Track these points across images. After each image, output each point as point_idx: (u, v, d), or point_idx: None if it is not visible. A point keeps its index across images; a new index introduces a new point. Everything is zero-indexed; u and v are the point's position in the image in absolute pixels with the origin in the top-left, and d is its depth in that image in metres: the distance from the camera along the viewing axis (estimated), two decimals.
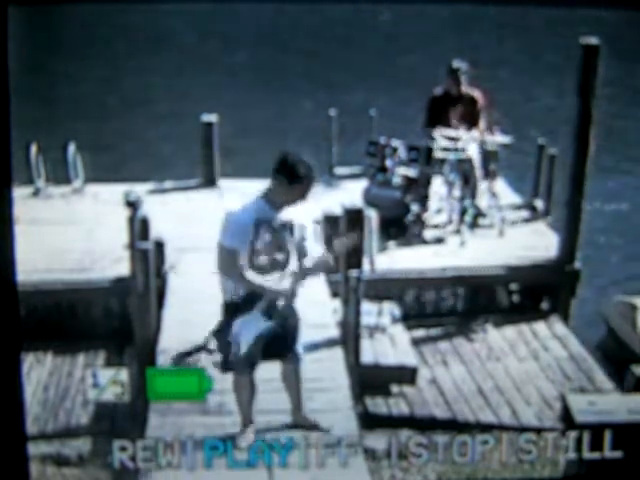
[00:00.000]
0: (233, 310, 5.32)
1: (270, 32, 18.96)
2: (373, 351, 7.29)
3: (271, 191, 5.17)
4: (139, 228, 6.98)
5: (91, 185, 9.92)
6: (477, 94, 8.90)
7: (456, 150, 8.70)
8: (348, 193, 9.13)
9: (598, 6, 4.66)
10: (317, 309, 7.34)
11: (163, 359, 6.57)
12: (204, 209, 9.45)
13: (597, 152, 8.15)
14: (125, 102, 15.59)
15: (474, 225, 8.89)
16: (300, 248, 5.34)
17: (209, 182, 10.03)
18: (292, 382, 5.62)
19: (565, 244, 8.42)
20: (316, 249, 5.39)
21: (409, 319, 7.98)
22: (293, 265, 5.33)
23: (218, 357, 5.54)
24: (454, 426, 6.64)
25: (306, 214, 5.37)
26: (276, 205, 5.19)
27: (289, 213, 5.24)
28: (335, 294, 7.50)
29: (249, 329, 5.30)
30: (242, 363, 5.38)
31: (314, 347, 6.75)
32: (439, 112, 8.88)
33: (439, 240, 8.76)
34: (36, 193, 9.74)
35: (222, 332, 5.41)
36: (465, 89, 8.89)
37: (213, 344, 5.63)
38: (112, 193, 9.27)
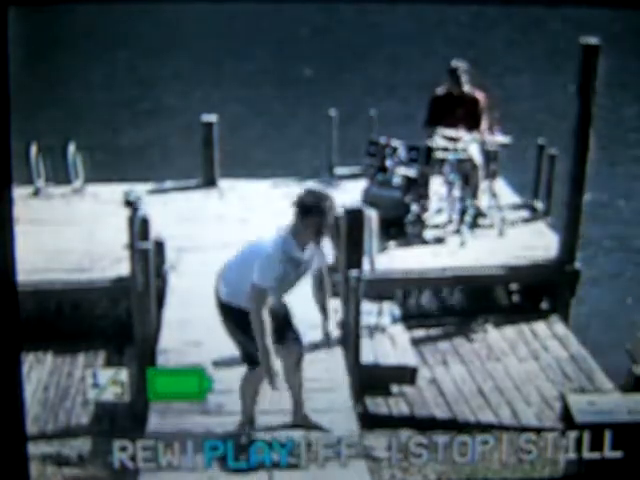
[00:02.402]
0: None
1: (271, 33, 18.96)
2: (373, 351, 7.29)
3: (294, 228, 5.17)
4: (139, 228, 6.98)
5: (91, 185, 9.92)
6: (479, 94, 8.90)
7: (456, 150, 8.70)
8: (348, 193, 9.13)
9: (601, 6, 4.65)
10: (317, 309, 7.34)
11: (163, 359, 6.58)
12: (204, 209, 9.46)
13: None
14: (125, 102, 15.59)
15: (474, 225, 8.88)
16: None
17: (209, 182, 10.03)
18: (293, 378, 5.64)
19: (565, 244, 8.41)
20: None
21: (409, 319, 7.98)
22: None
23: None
24: (454, 426, 6.63)
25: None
26: (300, 244, 5.19)
27: (311, 253, 5.27)
28: (335, 294, 7.50)
29: None
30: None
31: (314, 347, 6.75)
32: (440, 112, 8.88)
33: (439, 240, 8.76)
34: (36, 193, 9.74)
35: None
36: (467, 89, 8.88)
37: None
38: (112, 193, 9.27)
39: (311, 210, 5.09)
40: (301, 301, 7.51)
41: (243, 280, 5.22)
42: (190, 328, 6.98)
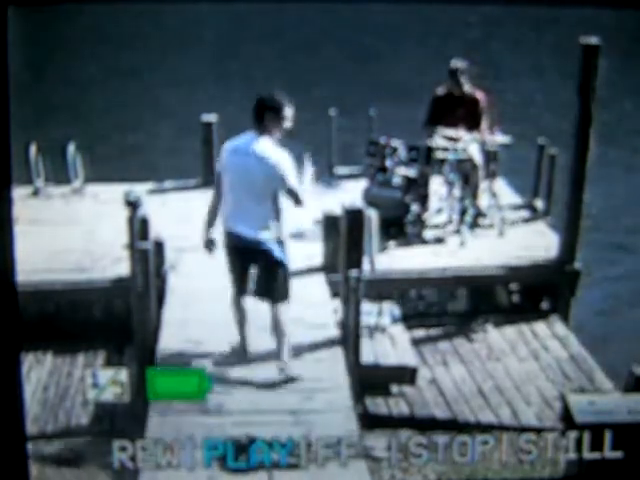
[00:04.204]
0: None
1: (271, 33, 18.97)
2: (373, 351, 7.28)
3: (273, 130, 6.04)
4: (139, 228, 6.98)
5: (91, 185, 9.92)
6: (479, 94, 8.89)
7: (456, 150, 8.70)
8: (348, 193, 9.13)
9: (598, 6, 4.66)
10: (317, 309, 7.35)
11: (163, 359, 6.57)
12: (204, 209, 9.43)
13: None
14: (125, 102, 15.59)
15: (474, 225, 8.88)
16: None
17: (209, 182, 10.01)
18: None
19: (565, 244, 8.41)
20: None
21: (409, 319, 7.98)
22: None
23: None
24: (454, 426, 6.63)
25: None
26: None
27: None
28: (335, 294, 7.50)
29: None
30: None
31: (314, 347, 6.76)
32: (441, 112, 8.88)
33: (439, 240, 8.76)
34: (36, 193, 9.74)
35: None
36: (467, 89, 8.87)
37: None
38: (112, 193, 9.27)
39: (282, 108, 6.01)
40: (301, 301, 7.53)
41: (267, 210, 6.02)
42: (190, 328, 6.98)
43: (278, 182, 5.92)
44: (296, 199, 6.01)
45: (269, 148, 5.96)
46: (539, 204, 9.51)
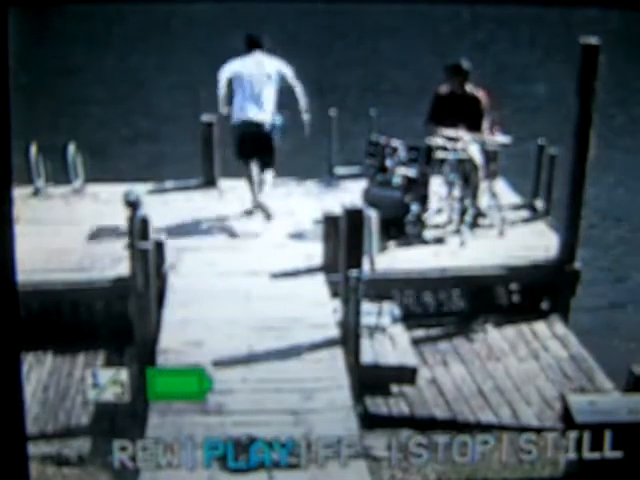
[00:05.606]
0: None
1: (271, 34, 18.93)
2: (373, 351, 7.29)
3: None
4: (139, 228, 6.98)
5: (91, 185, 9.92)
6: (481, 94, 8.88)
7: (456, 150, 8.69)
8: (348, 193, 9.14)
9: (598, 6, 4.66)
10: (317, 309, 7.35)
11: (163, 359, 6.58)
12: (204, 209, 9.45)
13: None
14: (126, 102, 15.59)
15: (474, 225, 8.88)
16: None
17: (209, 182, 10.03)
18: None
19: (565, 244, 8.41)
20: None
21: (409, 319, 7.98)
22: None
23: None
24: (454, 426, 6.63)
25: None
26: None
27: None
28: (335, 294, 7.50)
29: None
30: None
31: (314, 347, 6.76)
32: (442, 110, 8.86)
33: (439, 240, 8.75)
34: (36, 193, 9.73)
35: None
36: (469, 89, 8.87)
37: None
38: (112, 193, 9.27)
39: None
40: (301, 301, 7.54)
41: (270, 101, 8.70)
42: (190, 328, 6.99)
43: (282, 75, 8.68)
44: (297, 86, 8.78)
45: (270, 57, 8.77)
46: (539, 204, 9.50)
